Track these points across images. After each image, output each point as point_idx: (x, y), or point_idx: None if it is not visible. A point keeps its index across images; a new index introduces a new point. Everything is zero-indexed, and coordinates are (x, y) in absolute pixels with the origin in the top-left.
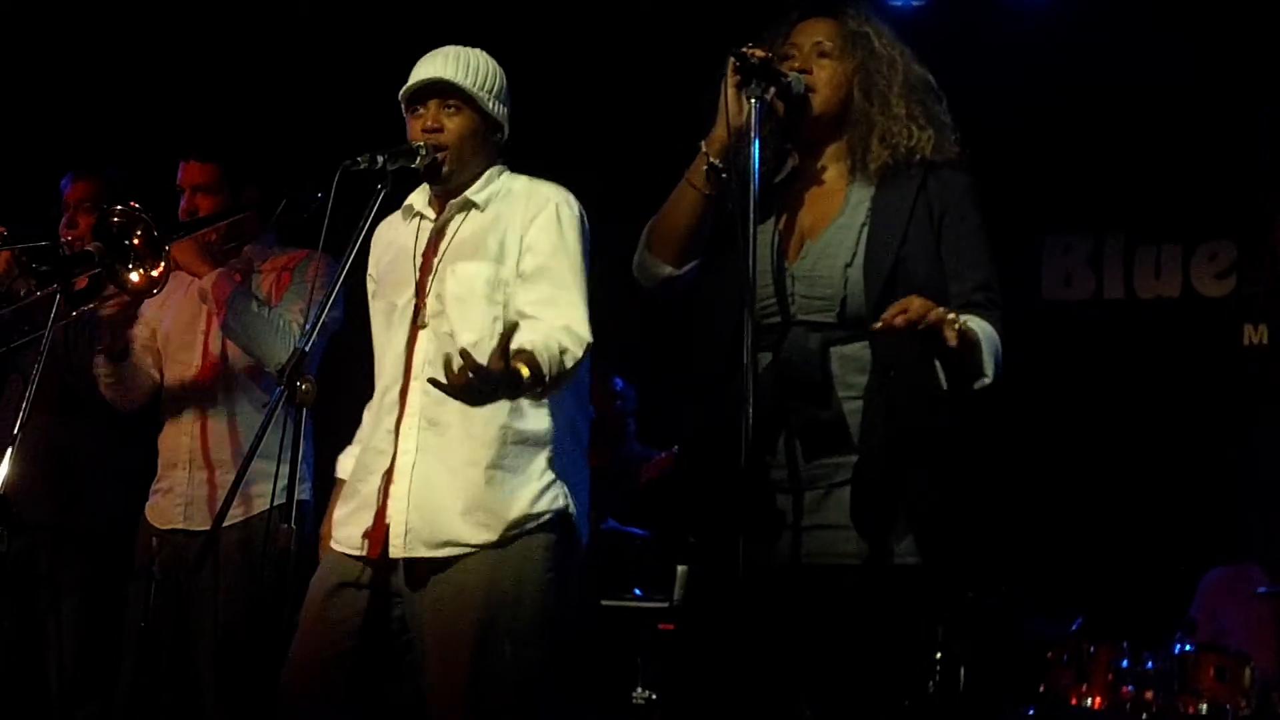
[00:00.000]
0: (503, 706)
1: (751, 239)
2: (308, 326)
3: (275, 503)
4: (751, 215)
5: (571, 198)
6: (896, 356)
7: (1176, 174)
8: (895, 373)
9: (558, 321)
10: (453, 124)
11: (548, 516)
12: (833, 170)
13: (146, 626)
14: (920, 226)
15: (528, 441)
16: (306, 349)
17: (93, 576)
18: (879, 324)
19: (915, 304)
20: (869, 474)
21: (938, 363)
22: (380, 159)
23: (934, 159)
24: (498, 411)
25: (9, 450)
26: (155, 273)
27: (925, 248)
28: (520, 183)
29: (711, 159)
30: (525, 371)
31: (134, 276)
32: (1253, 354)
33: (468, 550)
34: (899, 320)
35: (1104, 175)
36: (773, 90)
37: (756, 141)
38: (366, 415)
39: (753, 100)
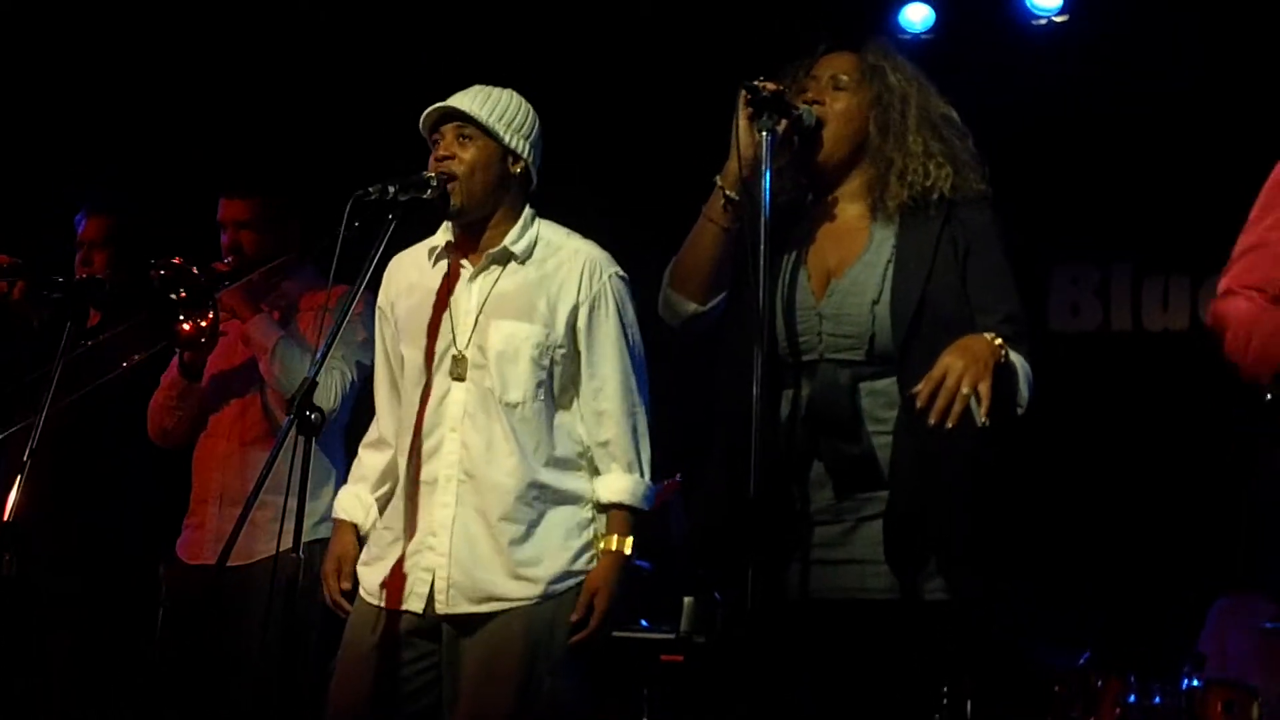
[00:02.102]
0: None
1: (763, 271)
2: (317, 356)
3: (313, 537)
4: (763, 247)
5: (616, 266)
6: None
7: (1184, 205)
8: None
9: (628, 472)
10: (466, 154)
11: (584, 576)
12: (855, 207)
13: (156, 657)
14: (945, 262)
15: (566, 499)
16: (316, 378)
17: (90, 604)
18: (920, 406)
19: (951, 376)
20: (899, 509)
21: (974, 395)
22: (391, 189)
23: (954, 198)
24: (536, 468)
25: (18, 478)
26: (204, 323)
27: (950, 283)
28: (557, 235)
29: (727, 192)
30: (630, 547)
31: (185, 326)
32: (1261, 387)
33: (509, 606)
34: (938, 408)
35: (1111, 206)
36: (784, 122)
37: (768, 173)
38: (367, 455)
39: (764, 133)
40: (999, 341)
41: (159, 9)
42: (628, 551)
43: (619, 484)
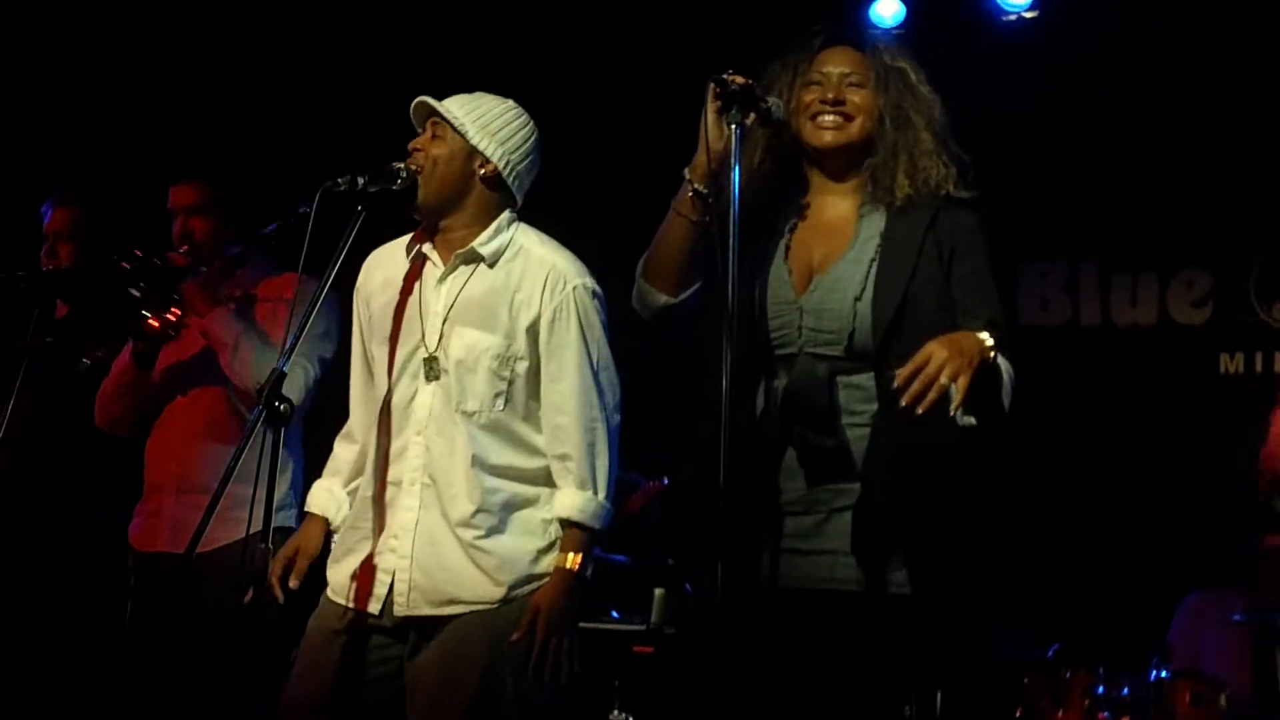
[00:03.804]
0: None
1: (732, 264)
2: (286, 346)
3: (264, 526)
4: (732, 241)
5: (589, 278)
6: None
7: (1153, 202)
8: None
9: (581, 490)
10: (432, 147)
11: (548, 578)
12: (845, 203)
13: (126, 647)
14: (929, 263)
15: (527, 503)
16: (285, 369)
17: (60, 595)
18: (899, 383)
19: (931, 363)
20: (870, 502)
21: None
22: (361, 180)
23: (947, 198)
24: (497, 476)
25: None
26: (170, 317)
27: (934, 283)
28: (530, 241)
29: (695, 185)
30: (579, 564)
31: (152, 322)
32: (1229, 382)
33: (469, 609)
34: (913, 390)
35: (1081, 202)
36: (753, 116)
37: (737, 167)
38: (340, 448)
39: (733, 126)
40: (990, 343)
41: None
42: (575, 569)
43: (570, 501)
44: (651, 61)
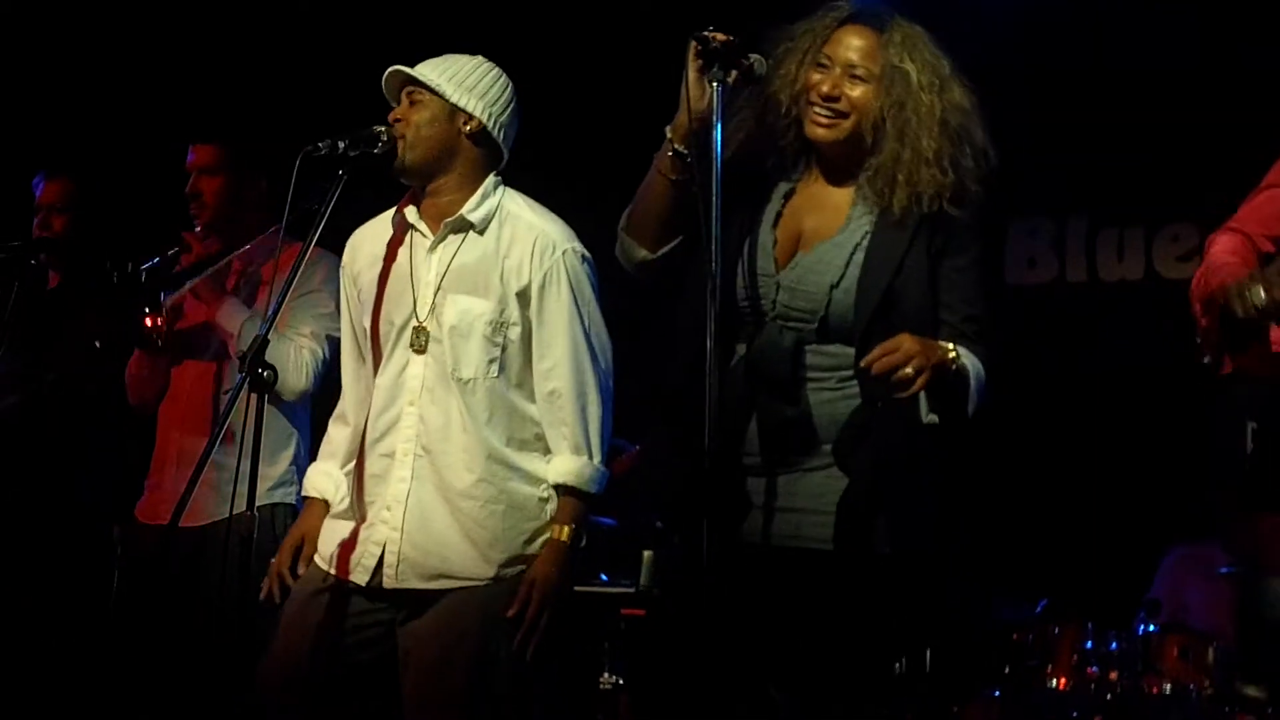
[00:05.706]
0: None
1: (715, 225)
2: (269, 314)
3: (268, 501)
4: (715, 201)
5: (578, 243)
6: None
7: (1138, 157)
8: (883, 403)
9: (575, 455)
10: (414, 114)
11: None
12: (843, 188)
13: (113, 618)
14: (917, 258)
15: (523, 479)
16: (269, 336)
17: (47, 565)
18: (865, 363)
19: (900, 352)
20: (842, 463)
21: (921, 395)
22: (342, 145)
23: (945, 203)
24: (493, 446)
25: None
26: (160, 320)
27: (919, 277)
28: (518, 207)
29: (675, 145)
30: (571, 535)
31: (146, 323)
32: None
33: (461, 585)
34: (878, 366)
35: (1067, 159)
36: (734, 74)
37: (719, 126)
38: (335, 430)
39: (714, 84)
40: (953, 355)
41: None
42: (567, 540)
43: (565, 466)
44: (639, 19)
